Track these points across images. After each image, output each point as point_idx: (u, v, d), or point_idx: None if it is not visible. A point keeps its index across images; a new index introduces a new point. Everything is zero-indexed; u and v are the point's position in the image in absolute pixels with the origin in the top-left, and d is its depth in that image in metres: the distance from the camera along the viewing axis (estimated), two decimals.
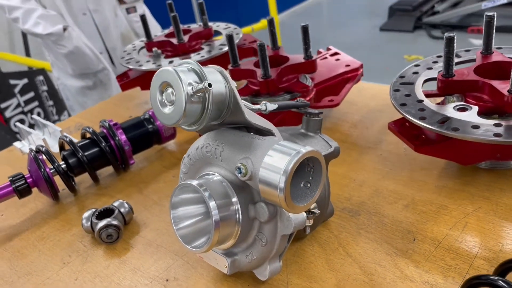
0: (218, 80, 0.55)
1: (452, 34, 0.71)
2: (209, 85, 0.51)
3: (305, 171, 0.54)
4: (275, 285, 0.63)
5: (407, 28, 4.82)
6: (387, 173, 0.81)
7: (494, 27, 0.76)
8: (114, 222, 0.75)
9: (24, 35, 3.90)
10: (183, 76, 0.52)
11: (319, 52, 1.10)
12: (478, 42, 3.92)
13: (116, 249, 0.76)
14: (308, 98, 0.91)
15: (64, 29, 2.05)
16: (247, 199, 0.58)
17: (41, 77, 2.87)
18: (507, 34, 4.07)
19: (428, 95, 0.78)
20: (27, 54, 3.90)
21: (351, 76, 0.98)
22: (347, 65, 0.99)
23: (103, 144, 0.89)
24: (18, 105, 2.78)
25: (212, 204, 0.54)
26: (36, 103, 2.85)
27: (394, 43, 4.62)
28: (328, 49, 1.10)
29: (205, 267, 0.68)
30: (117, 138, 0.90)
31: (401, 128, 0.76)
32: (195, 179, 0.58)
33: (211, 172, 0.59)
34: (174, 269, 0.69)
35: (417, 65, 0.86)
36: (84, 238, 0.79)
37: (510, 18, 4.59)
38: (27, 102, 2.81)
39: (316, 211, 0.61)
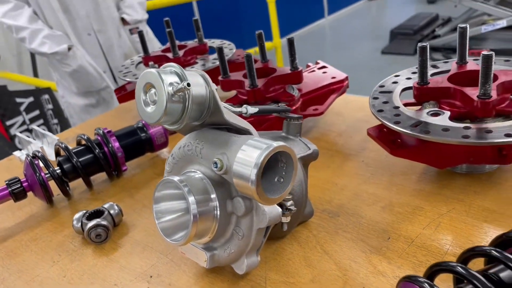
0: (199, 82, 0.59)
1: (425, 44, 0.75)
2: (188, 84, 0.55)
3: (278, 166, 0.58)
4: (254, 280, 0.65)
5: (408, 51, 4.91)
6: (368, 178, 0.84)
7: (468, 38, 0.80)
8: (103, 223, 0.78)
9: (33, 57, 4.02)
10: (164, 77, 0.56)
11: (308, 66, 1.14)
12: None
13: (105, 249, 0.78)
14: (294, 108, 0.95)
15: (69, 49, 2.13)
16: (226, 194, 0.61)
17: (46, 96, 2.95)
18: (507, 57, 4.14)
19: (407, 104, 0.82)
20: (35, 74, 4.02)
21: (336, 87, 1.02)
22: (333, 77, 1.04)
23: (97, 151, 0.93)
24: (23, 122, 2.85)
25: (191, 199, 0.58)
26: (41, 121, 2.92)
27: (395, 65, 4.69)
28: (317, 63, 1.15)
29: (188, 264, 0.71)
30: (110, 145, 0.94)
31: (379, 133, 0.79)
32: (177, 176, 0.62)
33: (193, 170, 0.63)
34: (158, 266, 0.72)
35: (397, 75, 0.90)
36: (75, 238, 0.82)
37: (509, 41, 4.67)
38: (32, 120, 2.88)
39: (293, 208, 0.64)
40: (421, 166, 0.83)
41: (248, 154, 0.54)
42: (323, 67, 1.11)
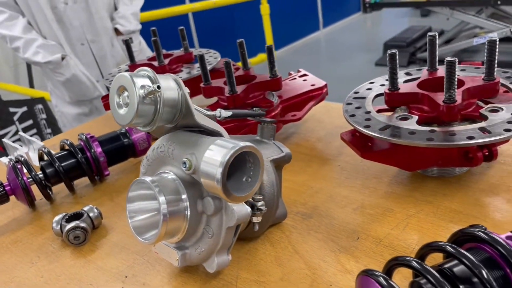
0: (171, 85, 0.61)
1: (394, 51, 0.78)
2: (158, 87, 0.58)
3: (247, 166, 0.60)
4: (225, 279, 0.67)
5: (401, 63, 4.97)
6: (342, 181, 0.86)
7: (437, 46, 0.83)
8: (82, 225, 0.80)
9: (29, 68, 4.06)
10: (136, 80, 0.59)
11: (289, 74, 1.17)
12: None
13: (83, 251, 0.80)
14: (273, 114, 0.98)
15: (63, 58, 2.16)
16: (196, 194, 0.63)
17: (40, 106, 2.98)
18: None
19: (381, 110, 0.85)
20: (31, 85, 4.05)
21: (315, 94, 1.04)
22: (313, 85, 1.06)
23: (79, 156, 0.95)
24: (17, 132, 2.86)
25: (162, 199, 0.60)
26: (34, 131, 2.94)
27: None
28: (298, 71, 1.18)
29: (163, 265, 0.72)
30: (93, 150, 0.96)
31: (352, 137, 0.81)
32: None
33: (166, 171, 0.65)
34: (134, 267, 0.73)
35: (371, 82, 0.93)
36: (55, 241, 0.84)
37: (500, 54, 4.74)
38: (25, 130, 2.90)
39: (264, 208, 0.66)
40: (394, 170, 0.85)
41: (215, 153, 0.56)
42: (304, 75, 1.14)
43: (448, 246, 0.51)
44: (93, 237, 0.83)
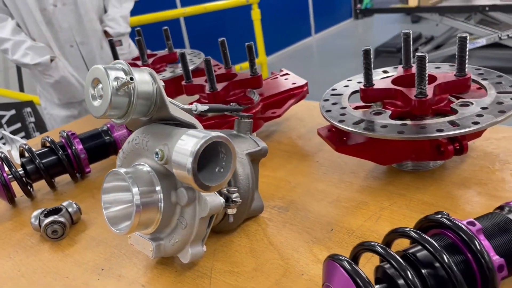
0: (146, 78, 0.62)
1: (368, 47, 0.79)
2: (131, 78, 0.59)
3: (219, 157, 0.61)
4: (200, 271, 0.68)
5: None
6: (320, 176, 0.87)
7: (411, 43, 0.85)
8: (60, 219, 0.80)
9: (19, 72, 4.05)
10: (110, 72, 0.60)
11: (272, 73, 1.19)
12: None
13: (61, 245, 0.80)
14: (254, 111, 0.99)
15: (51, 60, 2.16)
16: (170, 186, 0.64)
17: (28, 109, 2.97)
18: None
19: (358, 107, 0.86)
20: (21, 89, 4.03)
21: (296, 92, 1.06)
22: (293, 83, 1.08)
23: (60, 153, 0.95)
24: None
25: (135, 190, 0.60)
26: (22, 134, 2.93)
27: None
28: (281, 71, 1.19)
29: (140, 258, 0.73)
30: (74, 147, 0.97)
31: (328, 133, 0.83)
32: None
33: (141, 163, 0.66)
34: (111, 260, 0.74)
35: (349, 80, 0.94)
36: (33, 236, 0.84)
37: (489, 59, 4.80)
38: (13, 133, 2.88)
39: (238, 200, 0.67)
40: (370, 165, 0.87)
41: (186, 143, 0.57)
42: (286, 74, 1.15)
43: (411, 232, 0.52)
44: (72, 232, 0.83)
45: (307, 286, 0.61)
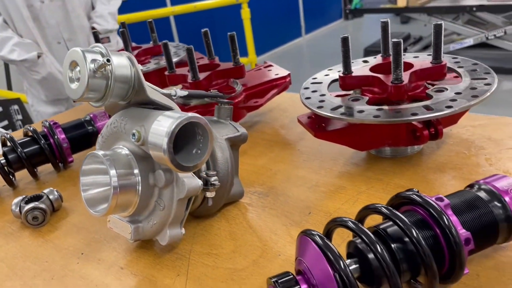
0: (124, 62, 0.63)
1: (346, 35, 0.81)
2: (108, 60, 0.59)
3: (196, 139, 0.61)
4: (179, 253, 0.68)
5: None
6: (300, 163, 0.89)
7: (389, 32, 0.87)
8: (41, 206, 0.80)
9: (7, 69, 4.02)
10: (87, 55, 0.60)
11: (256, 65, 1.20)
12: None
13: (42, 231, 0.80)
14: (237, 100, 1.00)
15: (38, 56, 2.15)
16: (148, 168, 0.64)
17: (15, 106, 2.95)
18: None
19: (338, 96, 0.87)
20: (9, 87, 4.00)
21: (279, 83, 1.07)
22: (276, 74, 1.09)
23: (42, 142, 0.95)
24: None
25: (113, 172, 0.61)
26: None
27: None
28: (265, 63, 1.20)
29: (119, 242, 0.73)
30: (56, 137, 0.97)
31: (308, 120, 0.84)
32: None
33: (120, 146, 0.66)
34: (91, 245, 0.74)
35: (330, 69, 0.96)
36: (14, 223, 0.84)
37: (476, 59, 4.86)
38: None
39: (217, 183, 0.68)
40: (350, 152, 0.88)
41: (162, 124, 0.57)
42: (269, 66, 1.17)
43: (382, 208, 0.53)
44: (53, 219, 0.83)
45: (283, 265, 0.62)
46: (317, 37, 7.35)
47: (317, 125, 0.81)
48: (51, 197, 0.84)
